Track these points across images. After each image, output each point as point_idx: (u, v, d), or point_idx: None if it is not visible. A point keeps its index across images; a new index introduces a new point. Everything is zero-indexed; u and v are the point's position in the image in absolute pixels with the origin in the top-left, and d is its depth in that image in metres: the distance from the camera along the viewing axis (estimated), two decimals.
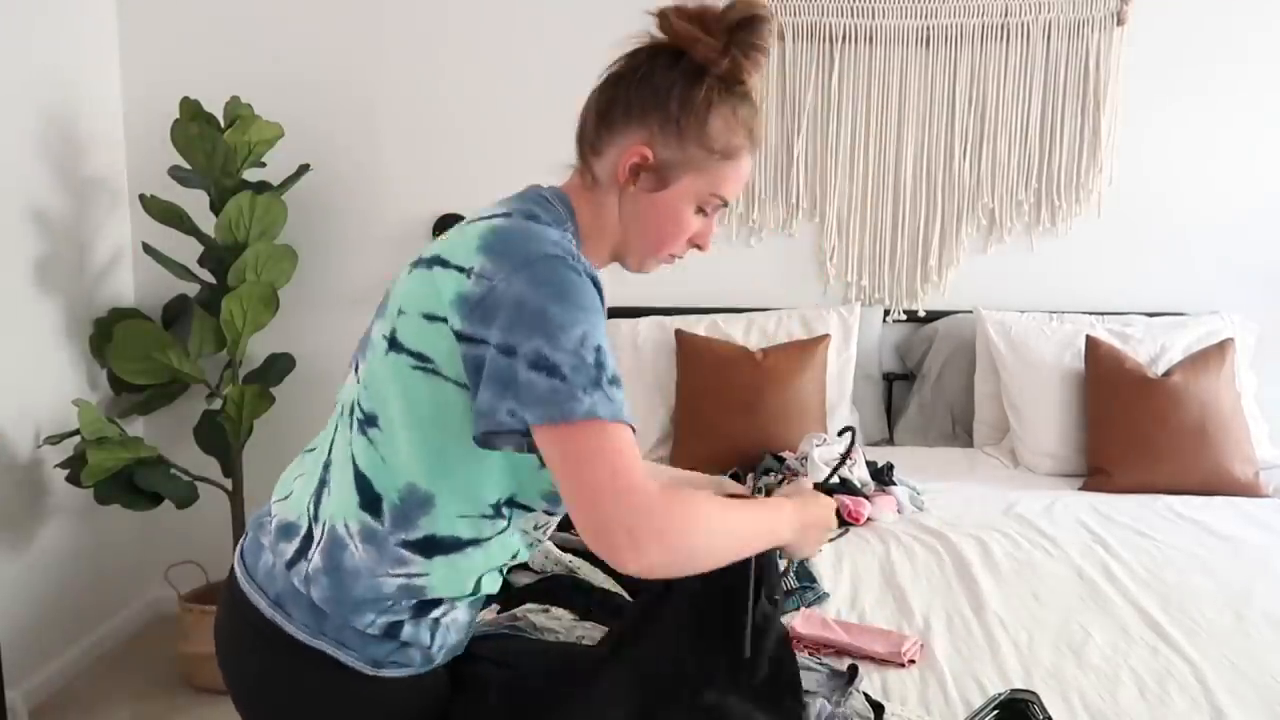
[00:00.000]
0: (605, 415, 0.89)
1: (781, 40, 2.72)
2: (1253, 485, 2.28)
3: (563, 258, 0.95)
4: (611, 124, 1.08)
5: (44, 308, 2.47)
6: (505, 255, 0.94)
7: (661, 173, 1.06)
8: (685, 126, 1.05)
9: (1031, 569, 1.75)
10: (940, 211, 2.78)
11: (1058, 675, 1.35)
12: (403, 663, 1.05)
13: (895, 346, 2.87)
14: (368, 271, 2.86)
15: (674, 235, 1.10)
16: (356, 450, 1.02)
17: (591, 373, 0.90)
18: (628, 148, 1.06)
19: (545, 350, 0.89)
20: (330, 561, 1.01)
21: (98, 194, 2.68)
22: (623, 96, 1.08)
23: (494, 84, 2.80)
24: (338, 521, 1.02)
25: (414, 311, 0.98)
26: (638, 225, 1.09)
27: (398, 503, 1.00)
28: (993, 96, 2.72)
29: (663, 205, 1.08)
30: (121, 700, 2.49)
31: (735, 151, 1.08)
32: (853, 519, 1.98)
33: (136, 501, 2.42)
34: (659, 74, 1.06)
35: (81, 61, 2.61)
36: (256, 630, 1.04)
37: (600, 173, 1.09)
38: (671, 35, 1.07)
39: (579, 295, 0.93)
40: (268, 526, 1.09)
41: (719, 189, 1.09)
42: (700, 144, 1.05)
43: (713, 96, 1.05)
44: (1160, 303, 2.79)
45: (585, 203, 1.11)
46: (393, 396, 0.99)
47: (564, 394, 0.88)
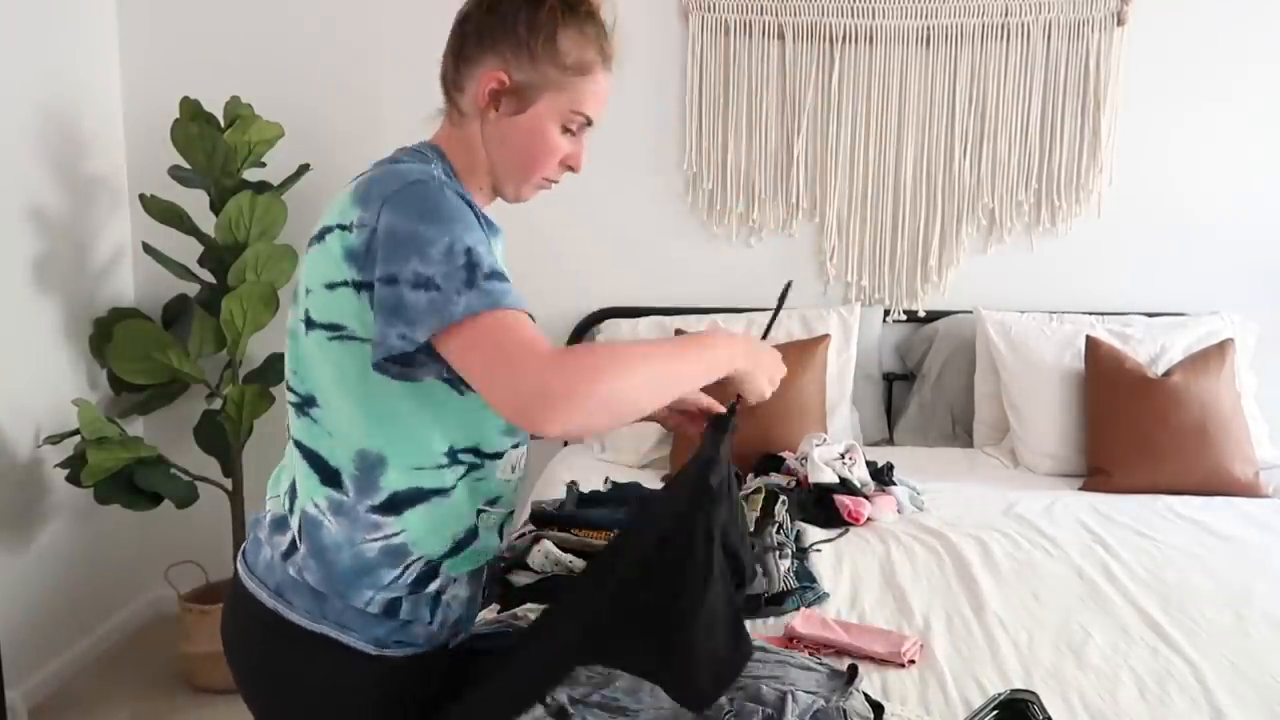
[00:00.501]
0: (482, 307, 0.92)
1: (781, 40, 2.72)
2: (1253, 485, 2.28)
3: (423, 181, 0.98)
4: (467, 58, 1.11)
5: (44, 307, 2.47)
6: (372, 197, 0.98)
7: (520, 95, 1.08)
8: (535, 47, 1.07)
9: (1031, 569, 1.75)
10: (940, 211, 2.78)
11: (1058, 675, 1.35)
12: (406, 641, 1.07)
13: (895, 346, 2.87)
14: None
15: (543, 156, 1.12)
16: (302, 433, 1.06)
17: (462, 275, 0.93)
18: (484, 75, 1.09)
19: (419, 268, 0.92)
20: (312, 544, 1.05)
21: (98, 194, 2.68)
22: (473, 30, 1.11)
23: None
24: (307, 504, 1.05)
25: (317, 286, 1.01)
26: (505, 150, 1.12)
27: (355, 472, 1.03)
28: (993, 96, 2.72)
29: (526, 127, 1.10)
30: (121, 700, 2.49)
31: (588, 67, 1.10)
32: (853, 519, 1.98)
33: (136, 501, 2.42)
34: (504, 3, 1.09)
35: (81, 61, 2.61)
36: (261, 623, 1.07)
37: (465, 106, 1.12)
38: None
39: (441, 208, 0.96)
40: (263, 523, 1.13)
41: (579, 105, 1.10)
42: (553, 62, 1.08)
43: (557, 16, 1.07)
44: (1160, 303, 2.79)
45: (456, 142, 1.14)
46: (320, 372, 1.02)
47: (440, 302, 0.91)
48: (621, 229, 2.84)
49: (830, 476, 2.09)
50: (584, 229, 2.85)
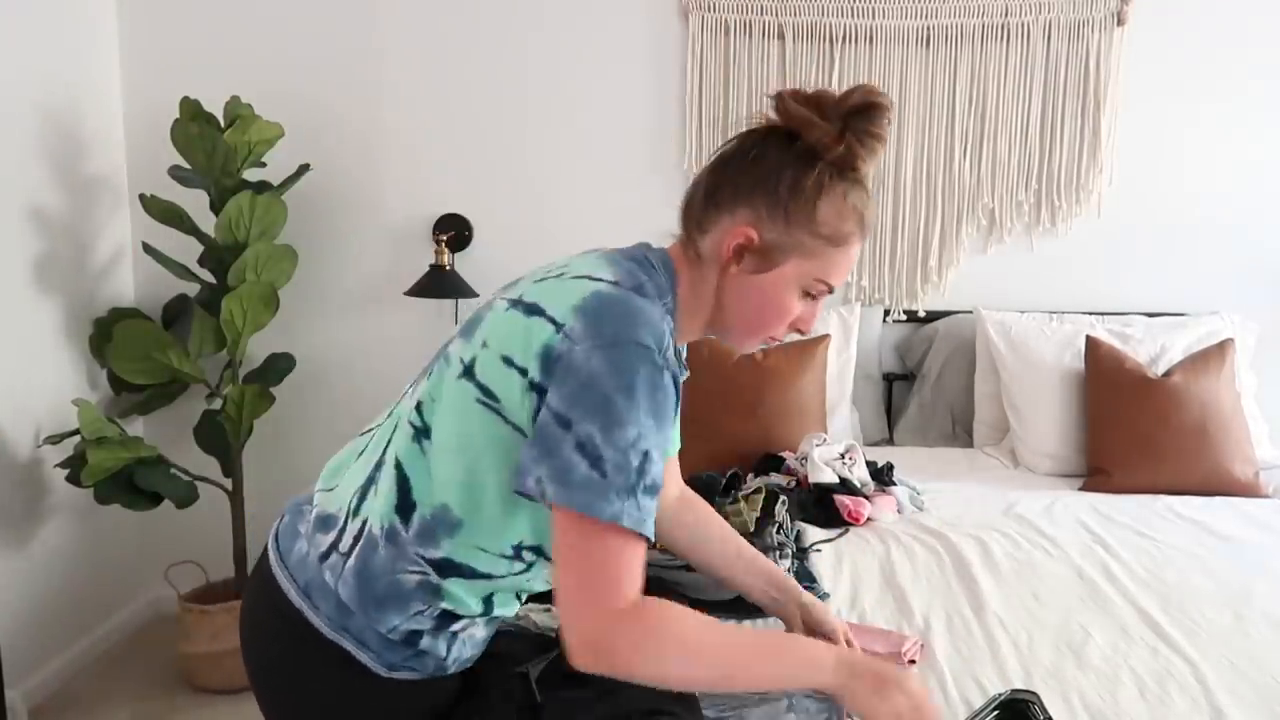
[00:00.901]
0: (628, 525, 0.91)
1: (781, 40, 2.72)
2: (1253, 485, 2.28)
3: (651, 350, 0.94)
4: (719, 202, 1.06)
5: (44, 307, 2.47)
6: (598, 325, 0.94)
7: (766, 255, 1.04)
8: (793, 210, 1.03)
9: (1031, 569, 1.75)
10: (940, 212, 2.78)
11: (1058, 675, 1.35)
12: (416, 668, 1.07)
13: (895, 346, 2.87)
14: (368, 271, 2.86)
15: (775, 319, 1.08)
16: (405, 455, 1.03)
17: (631, 478, 0.91)
18: (733, 228, 1.04)
19: (596, 438, 0.90)
20: (362, 562, 1.03)
21: (98, 194, 2.68)
22: (731, 177, 1.06)
23: (494, 83, 2.80)
24: (375, 520, 1.03)
25: (496, 349, 0.98)
26: (739, 306, 1.08)
27: (428, 518, 1.01)
28: (993, 96, 2.72)
29: (766, 288, 1.06)
30: (121, 700, 2.49)
31: (845, 239, 1.05)
32: (853, 519, 1.98)
33: (136, 501, 2.42)
34: (770, 156, 1.04)
35: (81, 61, 2.61)
36: (283, 616, 1.06)
37: (704, 249, 1.08)
38: (786, 118, 1.05)
39: (650, 396, 0.93)
40: (307, 515, 1.10)
41: (825, 275, 1.07)
42: (808, 229, 1.04)
43: (824, 181, 1.03)
44: (1160, 303, 2.79)
45: (686, 275, 1.09)
46: (451, 419, 1.00)
47: (597, 489, 0.90)
48: (622, 229, 2.84)
49: (830, 476, 2.09)
50: (584, 229, 2.85)
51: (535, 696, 1.12)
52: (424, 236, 2.84)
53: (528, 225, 2.86)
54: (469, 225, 2.84)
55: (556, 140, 2.82)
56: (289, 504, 1.16)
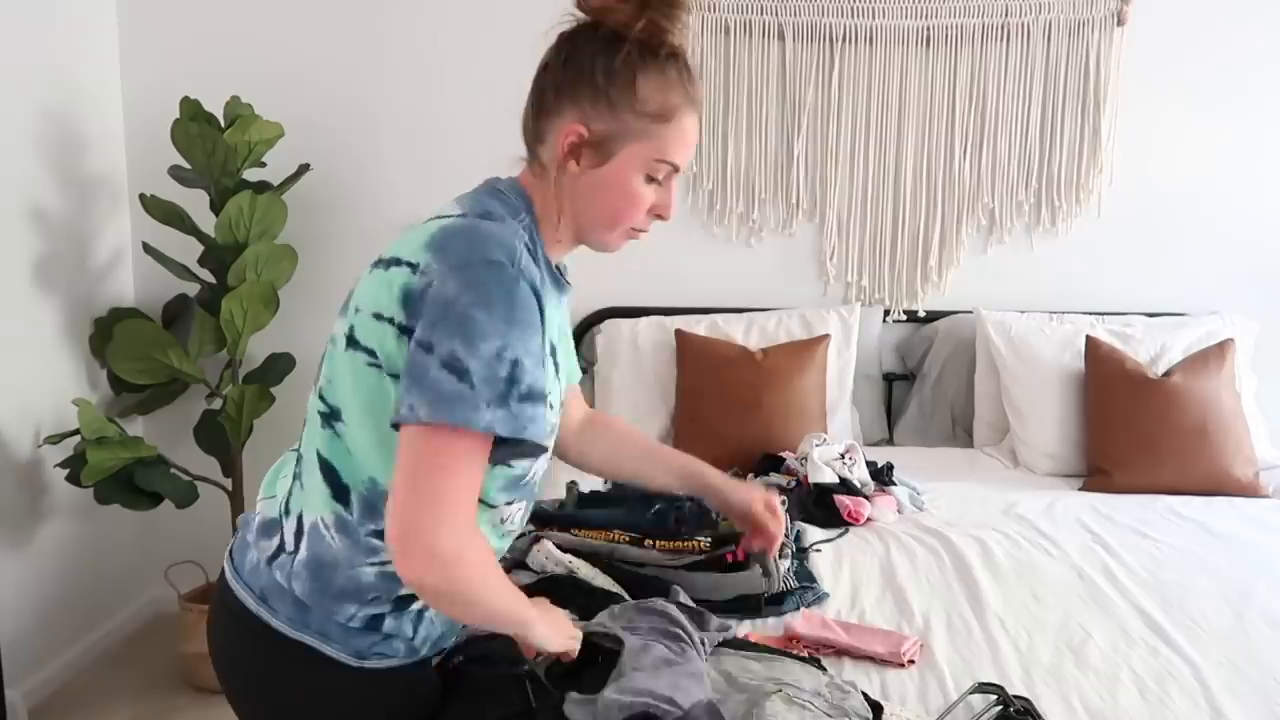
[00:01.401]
0: (503, 431, 0.91)
1: (781, 40, 2.72)
2: (1253, 485, 2.28)
3: (503, 264, 0.94)
4: (546, 109, 1.08)
5: (44, 307, 2.47)
6: (447, 253, 0.95)
7: (601, 146, 1.04)
8: (614, 96, 1.03)
9: (1031, 569, 1.75)
10: (940, 211, 2.78)
11: (1058, 675, 1.35)
12: (386, 654, 1.06)
13: (895, 346, 2.87)
14: None
15: (628, 208, 1.08)
16: (322, 444, 1.04)
17: (501, 386, 0.91)
18: (564, 128, 1.05)
19: (460, 353, 0.90)
20: (312, 555, 1.03)
21: (98, 193, 2.68)
22: (551, 80, 1.08)
23: (494, 83, 2.80)
24: (313, 515, 1.04)
25: (367, 310, 0.99)
26: (590, 204, 1.08)
27: (364, 494, 1.02)
28: (993, 96, 2.72)
29: (610, 179, 1.06)
30: (121, 700, 2.49)
31: (672, 113, 1.05)
32: (853, 519, 1.98)
33: (136, 501, 2.42)
34: (581, 50, 1.05)
35: (81, 61, 2.61)
36: (244, 626, 1.06)
37: (546, 159, 1.09)
38: (588, 10, 1.06)
39: (510, 306, 0.93)
40: (252, 524, 1.11)
41: (665, 154, 1.06)
42: (633, 110, 1.03)
43: (634, 61, 1.03)
44: (1160, 303, 2.79)
45: (539, 191, 1.10)
46: (350, 392, 1.00)
47: (468, 400, 0.90)
48: None
49: (830, 476, 2.09)
50: None
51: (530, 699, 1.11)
52: None
53: None
54: None
55: None
56: (240, 520, 1.16)
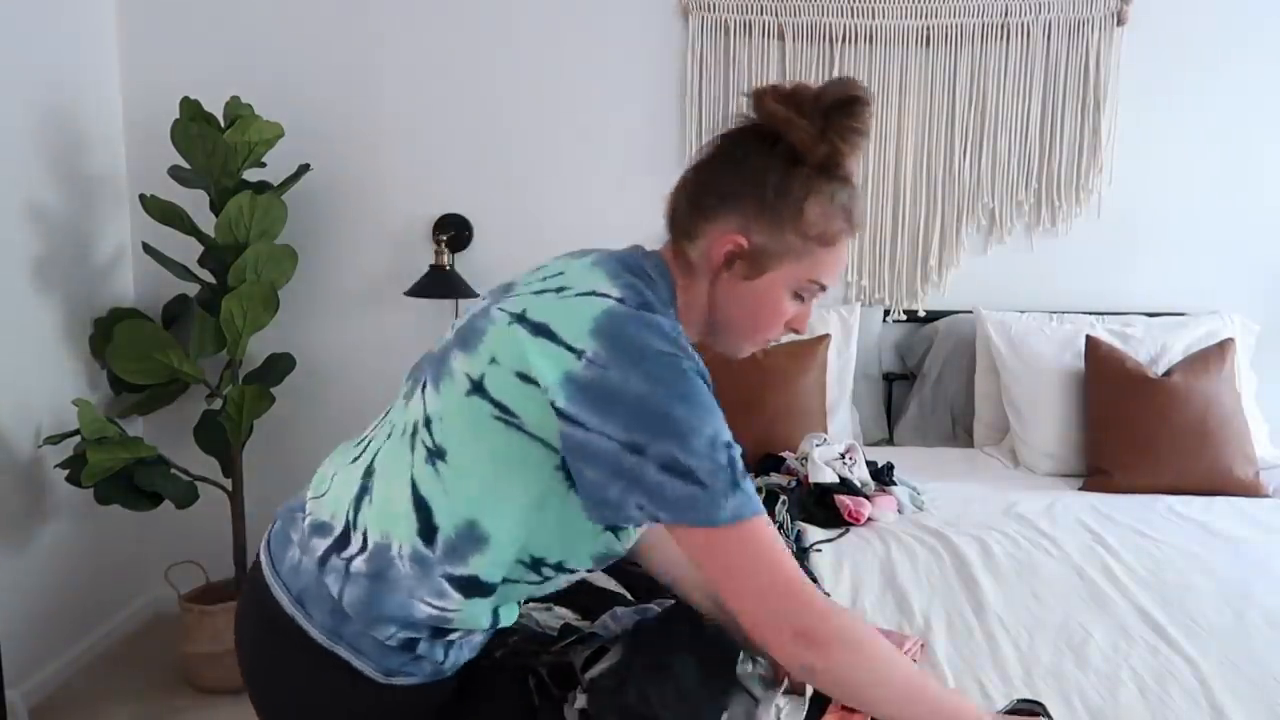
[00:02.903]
0: (748, 515, 0.92)
1: (781, 40, 2.72)
2: (1253, 485, 2.28)
3: (678, 355, 0.95)
4: (704, 210, 1.05)
5: (44, 307, 2.47)
6: (621, 346, 0.93)
7: (757, 260, 1.03)
8: (781, 214, 1.02)
9: (1031, 569, 1.75)
10: (940, 211, 2.78)
11: (1058, 675, 1.35)
12: (413, 673, 1.06)
13: (895, 346, 2.87)
14: (368, 271, 2.86)
15: (770, 322, 1.08)
16: (420, 476, 1.01)
17: (727, 474, 0.92)
18: (722, 235, 1.03)
19: (678, 454, 0.90)
20: (374, 569, 1.02)
21: (98, 194, 2.68)
22: (715, 182, 1.05)
23: (494, 83, 2.80)
24: (387, 537, 1.02)
25: (508, 366, 0.97)
26: (733, 311, 1.07)
27: (453, 536, 1.00)
28: (993, 96, 2.72)
29: (759, 293, 1.05)
30: (121, 700, 2.49)
31: (834, 238, 1.04)
32: (853, 519, 1.98)
33: (136, 501, 2.42)
34: (754, 159, 1.03)
35: (81, 61, 2.61)
36: (275, 624, 1.05)
37: (694, 256, 1.07)
38: (766, 118, 1.03)
39: (699, 393, 0.94)
40: (299, 522, 1.09)
41: (817, 275, 1.06)
42: (797, 231, 1.02)
43: (809, 183, 1.02)
44: (1160, 303, 2.79)
45: (681, 282, 1.09)
46: (468, 437, 0.98)
47: (705, 501, 0.91)
48: (621, 229, 2.83)
49: (830, 476, 2.09)
50: (584, 229, 2.84)
51: (534, 698, 1.12)
52: (424, 236, 2.84)
53: (528, 225, 2.86)
54: (469, 225, 2.84)
55: (557, 140, 2.82)
56: (280, 510, 1.15)
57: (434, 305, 2.84)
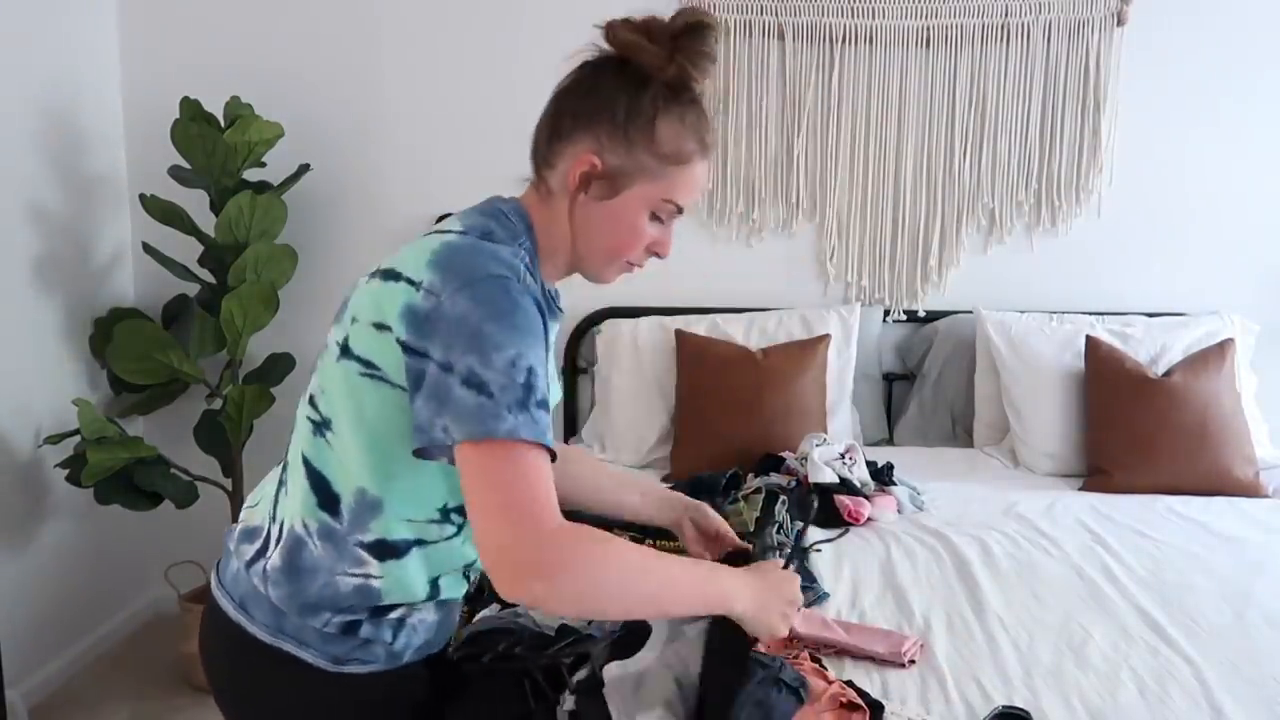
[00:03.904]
0: (527, 436, 0.91)
1: (781, 40, 2.72)
2: (1253, 485, 2.28)
3: (507, 278, 0.96)
4: (561, 134, 1.08)
5: (44, 307, 2.47)
6: (452, 271, 0.95)
7: (612, 180, 1.05)
8: (633, 133, 1.04)
9: (1031, 569, 1.75)
10: (940, 211, 2.78)
11: (1058, 675, 1.35)
12: (365, 659, 1.06)
13: (895, 346, 2.87)
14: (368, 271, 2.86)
15: (629, 243, 1.09)
16: (312, 452, 1.04)
17: (519, 393, 0.91)
18: (577, 156, 1.06)
19: (477, 368, 0.91)
20: (289, 560, 1.04)
21: (98, 194, 2.68)
22: (570, 107, 1.08)
23: (494, 84, 2.80)
24: (296, 521, 1.04)
25: (365, 320, 0.99)
26: (592, 234, 1.09)
27: (352, 505, 1.02)
28: (993, 97, 2.72)
29: (616, 213, 1.07)
30: (121, 700, 2.49)
31: (686, 157, 1.07)
32: (853, 519, 1.98)
33: (136, 501, 2.42)
34: (605, 83, 1.06)
35: (81, 61, 2.61)
36: (225, 633, 1.07)
37: (554, 184, 1.09)
38: (617, 45, 1.07)
39: (517, 316, 0.94)
40: (234, 533, 1.12)
41: (672, 195, 1.07)
42: (649, 150, 1.04)
43: (659, 103, 1.04)
44: (1160, 303, 2.79)
45: (541, 215, 1.11)
46: (343, 401, 1.01)
47: (489, 411, 0.90)
48: None
49: (830, 476, 2.09)
50: None
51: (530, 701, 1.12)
52: None
53: None
54: None
55: None
56: (225, 532, 1.17)
57: None
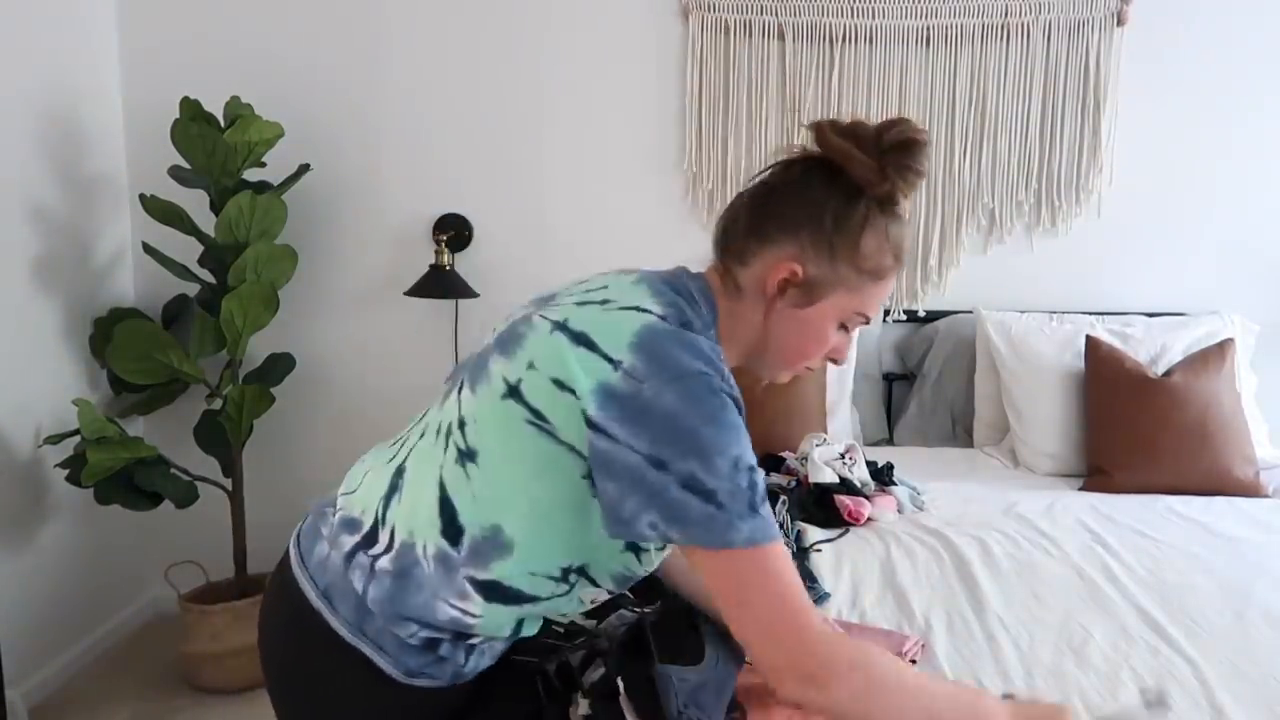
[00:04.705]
0: (764, 541, 0.91)
1: (781, 40, 2.72)
2: (1253, 485, 2.28)
3: (710, 375, 0.95)
4: (762, 235, 1.06)
5: (44, 307, 2.47)
6: (659, 362, 0.94)
7: (810, 289, 1.05)
8: (838, 244, 1.03)
9: (1031, 569, 1.75)
10: (940, 211, 2.78)
11: (1058, 675, 1.35)
12: (435, 675, 1.06)
13: (895, 346, 2.87)
14: (368, 271, 2.86)
15: (814, 351, 1.09)
16: (448, 477, 1.02)
17: (746, 497, 0.92)
18: (778, 261, 1.05)
19: (699, 474, 0.91)
20: (399, 568, 1.02)
21: (98, 194, 2.68)
22: (775, 209, 1.06)
23: (494, 83, 2.80)
24: (413, 538, 1.03)
25: (546, 373, 0.98)
26: (781, 339, 1.08)
27: (479, 539, 1.00)
28: (993, 96, 2.72)
29: (807, 321, 1.07)
30: (121, 700, 2.49)
31: (885, 272, 1.07)
32: (853, 519, 1.98)
33: (136, 501, 2.42)
34: (815, 189, 1.04)
35: (81, 61, 2.61)
36: (300, 617, 1.06)
37: (744, 282, 1.08)
38: (827, 150, 1.04)
39: (728, 415, 0.94)
40: (330, 517, 1.10)
41: (864, 307, 1.08)
42: (851, 263, 1.04)
43: (868, 216, 1.03)
44: (1160, 303, 2.79)
45: (725, 306, 1.09)
46: (499, 440, 0.99)
47: (721, 522, 0.90)
48: (622, 229, 2.84)
49: (830, 476, 2.09)
50: (584, 229, 2.85)
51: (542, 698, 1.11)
52: (424, 236, 2.84)
53: (528, 225, 2.86)
54: (469, 225, 2.84)
55: (556, 140, 2.82)
56: (313, 506, 1.16)
57: (434, 305, 2.84)
